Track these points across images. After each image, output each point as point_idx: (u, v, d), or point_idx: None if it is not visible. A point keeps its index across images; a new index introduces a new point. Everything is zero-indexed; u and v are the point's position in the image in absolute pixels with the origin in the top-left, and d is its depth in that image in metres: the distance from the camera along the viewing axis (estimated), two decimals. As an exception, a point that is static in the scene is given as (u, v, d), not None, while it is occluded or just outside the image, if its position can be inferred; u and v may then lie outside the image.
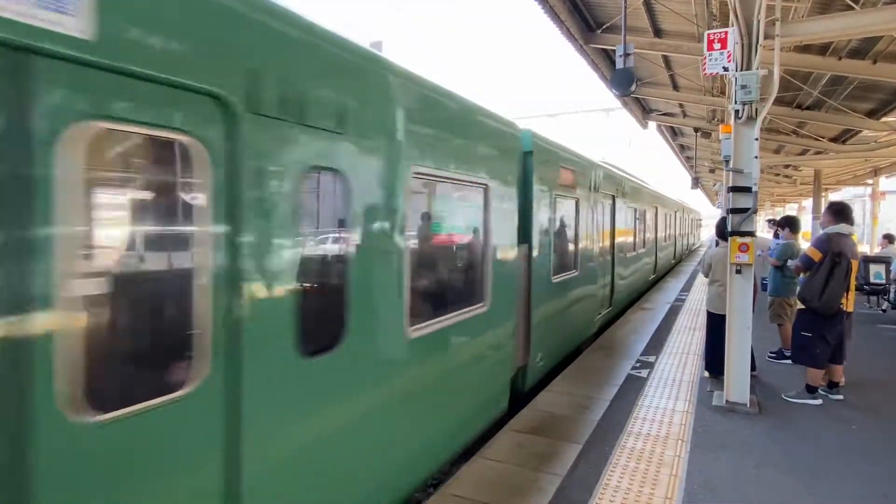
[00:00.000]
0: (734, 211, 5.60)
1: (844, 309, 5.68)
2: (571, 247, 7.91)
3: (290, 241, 2.66)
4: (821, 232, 6.18)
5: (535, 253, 6.18)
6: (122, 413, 1.94)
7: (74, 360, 1.83)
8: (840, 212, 5.96)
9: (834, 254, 5.57)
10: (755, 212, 5.60)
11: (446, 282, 4.88)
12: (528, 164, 6.09)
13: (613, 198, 10.50)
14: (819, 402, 5.85)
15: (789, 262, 7.04)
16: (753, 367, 6.18)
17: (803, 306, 5.87)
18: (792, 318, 6.71)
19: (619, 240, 11.09)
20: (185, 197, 2.37)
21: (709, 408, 5.66)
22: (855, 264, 5.72)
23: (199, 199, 2.25)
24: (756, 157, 5.60)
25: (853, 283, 5.73)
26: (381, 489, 3.46)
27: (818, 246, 5.80)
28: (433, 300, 4.30)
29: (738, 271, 5.66)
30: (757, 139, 5.63)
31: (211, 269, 2.25)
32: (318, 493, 2.93)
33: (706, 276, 6.87)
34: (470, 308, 4.64)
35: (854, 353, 6.52)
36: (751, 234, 5.60)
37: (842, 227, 5.83)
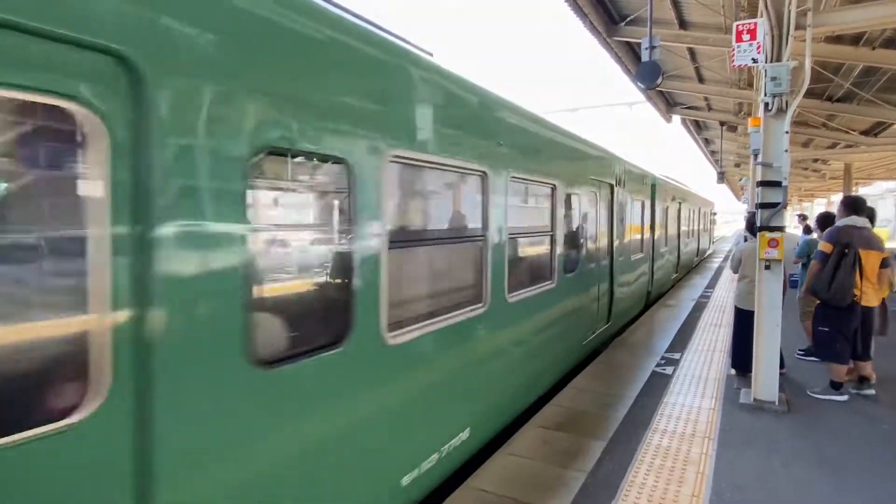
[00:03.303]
0: (763, 206, 5.50)
1: (861, 302, 5.59)
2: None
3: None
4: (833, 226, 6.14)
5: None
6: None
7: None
8: (851, 204, 5.99)
9: (842, 244, 5.57)
10: (785, 206, 5.48)
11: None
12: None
13: None
14: (845, 398, 5.75)
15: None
16: (782, 365, 6.06)
17: (818, 300, 5.86)
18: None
19: None
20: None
21: (736, 405, 5.57)
22: (872, 255, 5.61)
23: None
24: (786, 151, 5.48)
25: (873, 274, 5.62)
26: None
27: (828, 238, 5.81)
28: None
29: (768, 267, 5.55)
30: (787, 132, 5.50)
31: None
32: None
33: (735, 271, 6.75)
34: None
35: (887, 350, 6.37)
36: (780, 229, 5.49)
37: (854, 220, 5.78)
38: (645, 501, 3.73)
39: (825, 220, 7.74)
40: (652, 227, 11.99)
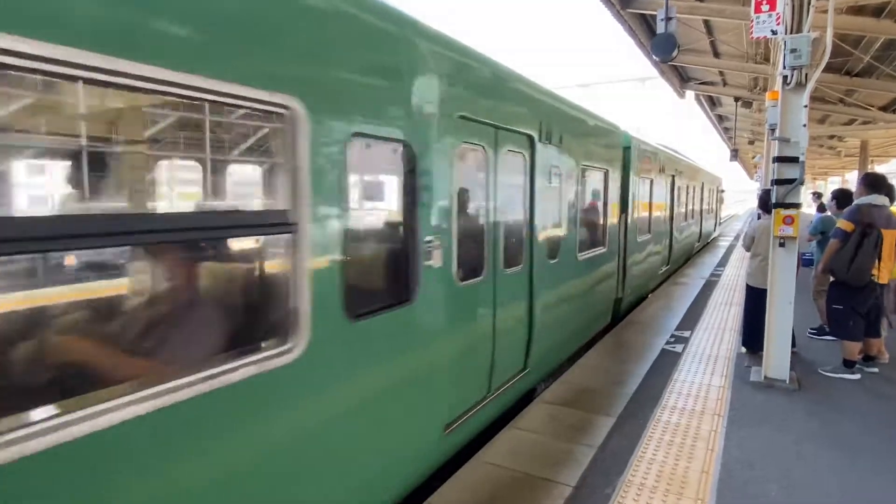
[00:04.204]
0: (779, 182, 5.40)
1: (877, 281, 5.55)
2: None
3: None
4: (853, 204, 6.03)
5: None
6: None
7: None
8: (873, 183, 5.87)
9: (865, 224, 5.47)
10: (801, 183, 5.38)
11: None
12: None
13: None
14: (857, 376, 5.73)
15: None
16: (793, 344, 6.02)
17: (833, 279, 5.79)
18: None
19: None
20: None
21: (746, 383, 5.56)
22: (891, 234, 5.53)
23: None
24: (804, 126, 5.36)
25: (890, 253, 5.54)
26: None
27: (849, 217, 5.69)
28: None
29: (782, 244, 5.48)
30: (806, 106, 5.37)
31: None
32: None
33: (748, 249, 6.67)
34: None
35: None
36: (796, 205, 5.40)
37: (874, 198, 5.69)
38: (654, 476, 3.74)
39: (842, 196, 7.58)
40: (624, 210, 8.63)
